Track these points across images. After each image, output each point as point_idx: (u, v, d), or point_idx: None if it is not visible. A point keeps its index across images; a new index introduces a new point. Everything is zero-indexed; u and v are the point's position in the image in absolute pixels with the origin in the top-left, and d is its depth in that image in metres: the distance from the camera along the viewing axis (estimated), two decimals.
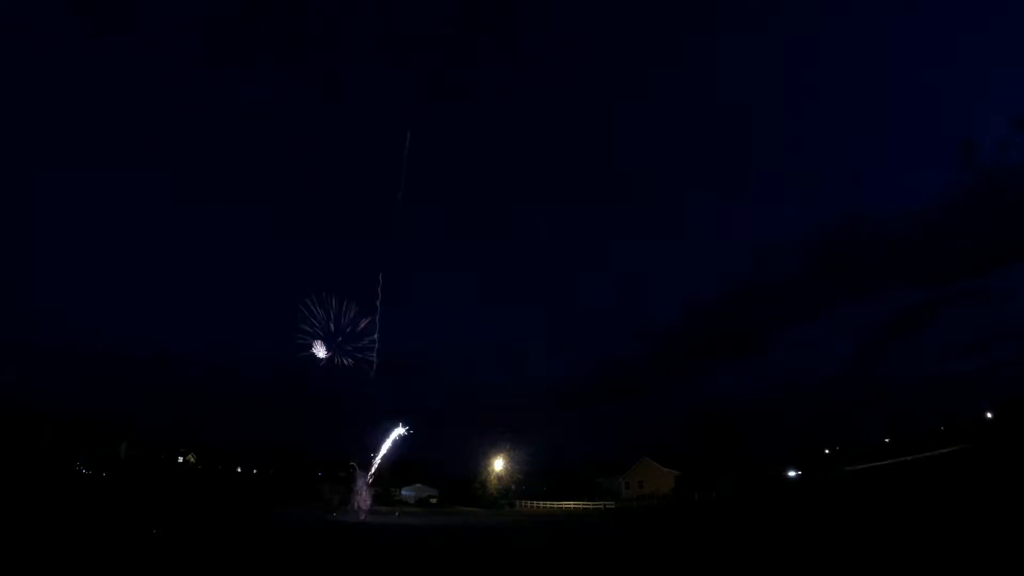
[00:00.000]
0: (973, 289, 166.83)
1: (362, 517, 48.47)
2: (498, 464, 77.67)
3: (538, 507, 72.68)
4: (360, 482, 55.84)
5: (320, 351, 48.66)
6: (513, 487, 78.17)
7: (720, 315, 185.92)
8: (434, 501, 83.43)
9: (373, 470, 58.48)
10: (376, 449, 57.81)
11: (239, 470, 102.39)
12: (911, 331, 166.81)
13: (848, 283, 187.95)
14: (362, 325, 49.43)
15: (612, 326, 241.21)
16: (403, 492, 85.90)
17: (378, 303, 50.64)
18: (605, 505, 67.99)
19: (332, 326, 48.62)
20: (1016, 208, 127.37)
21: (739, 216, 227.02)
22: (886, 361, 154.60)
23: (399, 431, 57.16)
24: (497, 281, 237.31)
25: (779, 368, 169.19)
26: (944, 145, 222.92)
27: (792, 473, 72.58)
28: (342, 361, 49.34)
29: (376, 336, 49.67)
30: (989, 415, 72.29)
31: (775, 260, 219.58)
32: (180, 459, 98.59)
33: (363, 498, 54.26)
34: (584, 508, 67.44)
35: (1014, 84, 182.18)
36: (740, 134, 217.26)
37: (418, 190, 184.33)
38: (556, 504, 72.61)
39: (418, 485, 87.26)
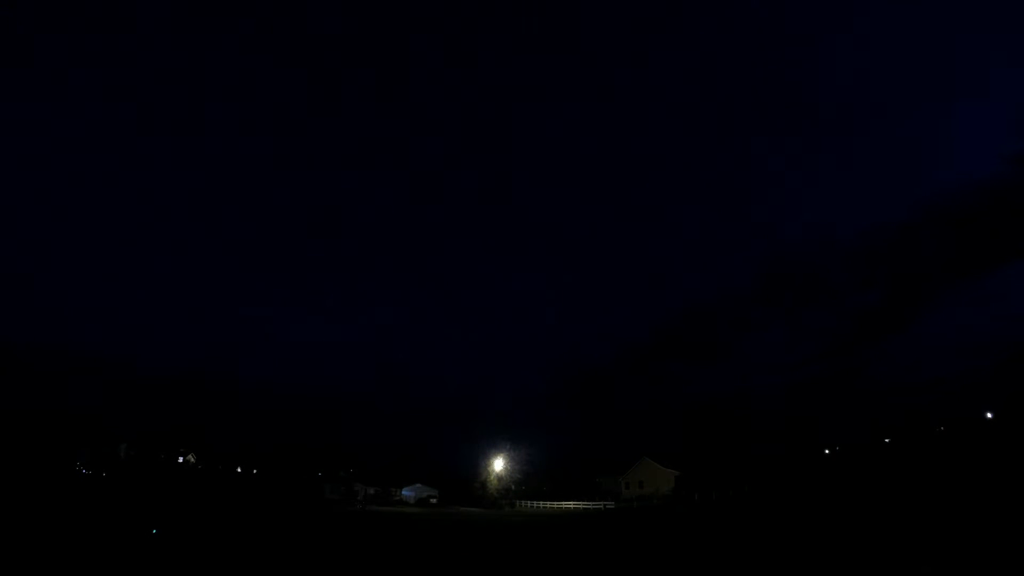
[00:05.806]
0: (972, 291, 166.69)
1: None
2: (498, 464, 77.79)
3: (538, 507, 72.63)
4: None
5: None
6: (513, 487, 78.34)
7: (720, 319, 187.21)
8: (434, 501, 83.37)
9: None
10: (376, 449, 57.91)
11: (239, 470, 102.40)
12: (908, 333, 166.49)
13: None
14: None
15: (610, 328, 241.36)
16: (403, 492, 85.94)
17: None
18: (605, 505, 68.07)
19: None
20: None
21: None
22: (885, 363, 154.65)
23: None
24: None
25: (777, 370, 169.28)
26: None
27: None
28: None
29: None
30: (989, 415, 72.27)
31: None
32: (180, 459, 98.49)
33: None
34: (584, 508, 67.45)
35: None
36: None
37: None
38: (556, 504, 72.63)
39: (418, 485, 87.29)
